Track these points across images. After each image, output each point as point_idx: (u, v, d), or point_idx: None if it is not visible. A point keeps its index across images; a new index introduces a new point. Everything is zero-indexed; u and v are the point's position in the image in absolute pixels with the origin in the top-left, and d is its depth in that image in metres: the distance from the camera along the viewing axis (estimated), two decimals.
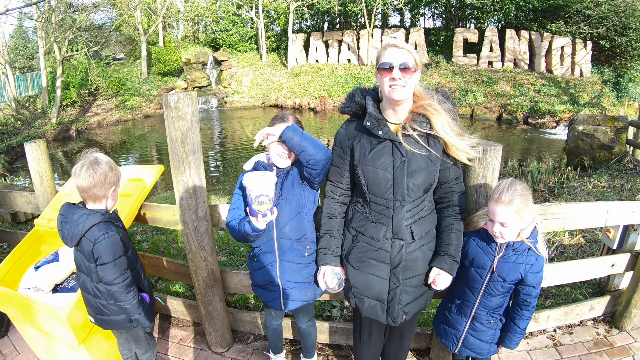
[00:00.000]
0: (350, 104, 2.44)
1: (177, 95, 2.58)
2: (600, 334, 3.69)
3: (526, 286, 2.41)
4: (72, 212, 2.49)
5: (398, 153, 2.29)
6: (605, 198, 7.38)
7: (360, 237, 2.47)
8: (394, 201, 2.33)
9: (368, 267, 2.47)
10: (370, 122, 2.30)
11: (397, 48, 2.18)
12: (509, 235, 2.33)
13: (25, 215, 7.05)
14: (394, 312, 2.50)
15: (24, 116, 20.76)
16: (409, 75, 2.19)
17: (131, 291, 2.54)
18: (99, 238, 2.41)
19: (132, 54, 30.49)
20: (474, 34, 24.77)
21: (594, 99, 19.88)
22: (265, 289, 2.81)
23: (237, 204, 2.70)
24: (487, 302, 2.52)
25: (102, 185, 2.48)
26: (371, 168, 2.34)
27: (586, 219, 3.03)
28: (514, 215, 2.26)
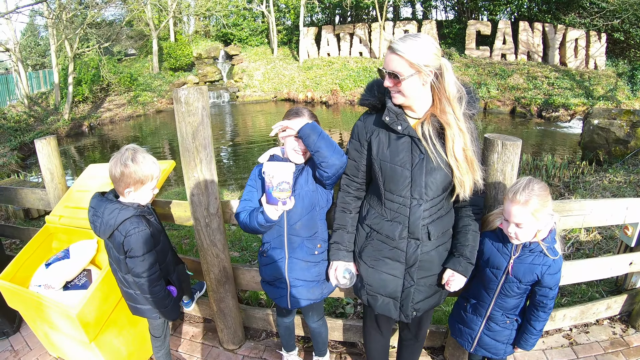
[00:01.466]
0: (370, 96, 2.36)
1: (188, 90, 2.53)
2: (617, 334, 3.63)
3: (543, 287, 2.35)
4: (104, 206, 2.52)
5: (417, 149, 2.21)
6: (621, 193, 7.27)
7: (375, 235, 2.41)
8: (411, 199, 2.26)
9: (382, 266, 2.41)
10: (389, 117, 2.22)
11: (390, 52, 2.11)
12: (524, 236, 2.26)
13: (38, 211, 7.09)
14: (407, 309, 2.46)
15: (36, 113, 20.89)
16: (398, 84, 2.12)
17: (158, 285, 2.60)
18: (130, 232, 2.45)
19: (144, 50, 30.57)
20: (486, 26, 24.52)
21: (609, 92, 19.59)
22: (272, 286, 2.78)
23: (250, 195, 2.64)
24: (502, 303, 2.47)
25: (118, 182, 2.51)
26: (389, 164, 2.26)
27: (605, 216, 2.95)
28: (530, 216, 2.18)
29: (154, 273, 2.55)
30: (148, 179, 2.54)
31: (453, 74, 2.17)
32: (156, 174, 2.57)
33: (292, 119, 2.50)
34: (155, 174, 2.57)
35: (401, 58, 2.06)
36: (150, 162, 2.53)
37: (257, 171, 2.66)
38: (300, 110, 2.56)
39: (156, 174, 2.57)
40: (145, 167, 2.49)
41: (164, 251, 2.72)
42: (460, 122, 2.18)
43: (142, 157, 2.50)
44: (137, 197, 2.57)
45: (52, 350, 3.48)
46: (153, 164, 2.55)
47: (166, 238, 2.82)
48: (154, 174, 2.56)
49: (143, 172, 2.49)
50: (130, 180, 2.48)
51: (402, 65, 2.07)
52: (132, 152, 2.48)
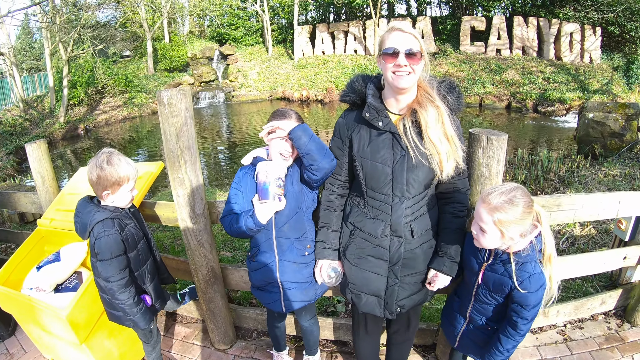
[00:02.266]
0: (350, 92, 2.34)
1: (170, 91, 2.53)
2: (612, 329, 3.61)
3: (514, 303, 2.16)
4: (84, 207, 2.57)
5: (398, 146, 2.20)
6: (616, 187, 7.27)
7: (358, 233, 2.40)
8: (393, 197, 2.25)
9: (366, 264, 2.41)
10: (369, 113, 2.20)
11: (402, 32, 2.07)
12: (485, 242, 2.11)
13: (33, 215, 7.08)
14: (391, 306, 2.45)
15: (32, 116, 20.88)
16: (417, 62, 2.08)
17: (126, 291, 2.56)
18: (99, 235, 2.45)
19: (138, 51, 30.54)
20: (481, 22, 24.54)
21: (604, 86, 19.60)
22: (264, 291, 2.74)
23: (235, 198, 2.61)
24: (480, 308, 2.38)
25: (96, 186, 2.52)
26: (370, 161, 2.25)
27: (597, 210, 2.91)
28: (492, 225, 2.02)
29: (122, 279, 2.53)
30: (124, 181, 2.53)
31: None
32: (132, 176, 2.57)
33: (279, 120, 2.46)
34: (131, 176, 2.56)
35: (415, 38, 2.07)
36: (125, 163, 2.53)
37: (240, 174, 2.64)
38: (287, 112, 2.51)
39: (132, 176, 2.57)
40: (120, 169, 2.50)
41: (141, 258, 2.71)
42: (436, 100, 2.17)
43: (118, 159, 2.51)
44: (116, 200, 2.58)
45: (46, 353, 3.48)
46: (128, 165, 2.55)
47: (146, 245, 2.80)
48: (130, 176, 2.55)
49: (118, 174, 2.49)
50: (107, 183, 2.49)
51: (417, 44, 2.07)
52: (107, 155, 2.50)
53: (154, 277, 2.84)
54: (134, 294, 2.61)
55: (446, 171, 2.20)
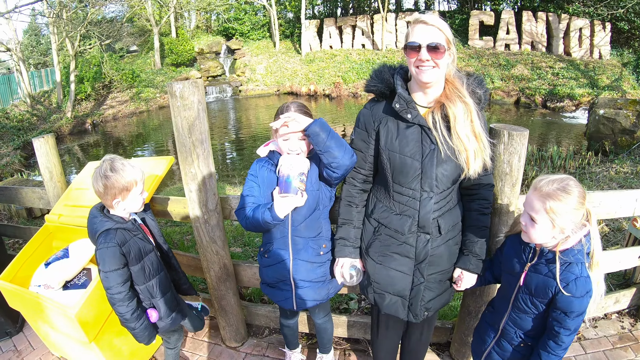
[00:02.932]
0: (378, 82, 2.24)
1: (182, 84, 2.47)
2: (625, 328, 3.57)
3: (557, 310, 1.98)
4: (94, 216, 2.54)
5: (427, 140, 2.12)
6: (628, 184, 7.19)
7: (383, 230, 2.32)
8: (421, 192, 2.17)
9: (391, 262, 2.33)
10: (399, 104, 2.12)
11: (426, 25, 1.99)
12: (534, 234, 1.97)
13: (40, 210, 7.07)
14: (416, 308, 2.38)
15: (39, 111, 20.89)
16: (440, 56, 1.99)
17: (124, 305, 2.46)
18: (99, 245, 2.42)
19: (145, 46, 30.55)
20: (489, 17, 24.34)
21: (614, 82, 19.39)
22: (275, 288, 2.68)
23: (251, 190, 2.54)
24: (516, 319, 2.18)
25: (104, 196, 2.46)
26: (398, 155, 2.17)
27: (614, 208, 2.87)
28: (544, 214, 1.88)
29: (120, 293, 2.43)
30: (132, 185, 2.47)
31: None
32: (139, 178, 2.50)
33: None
34: (138, 178, 2.50)
35: (439, 31, 1.99)
36: (130, 167, 2.47)
37: (257, 166, 2.58)
38: (287, 108, 2.43)
39: (139, 178, 2.50)
40: (126, 174, 2.43)
41: (148, 272, 2.59)
42: (466, 97, 2.09)
43: (121, 164, 2.45)
44: (127, 206, 2.52)
45: (55, 350, 3.46)
46: (133, 168, 2.48)
47: (157, 258, 2.69)
48: (137, 179, 2.49)
49: (125, 179, 2.43)
50: (115, 191, 2.42)
51: (441, 37, 1.99)
52: (109, 163, 2.44)
53: (165, 291, 2.72)
54: (133, 309, 2.50)
55: (473, 169, 2.12)
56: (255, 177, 2.56)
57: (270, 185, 2.49)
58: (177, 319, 2.80)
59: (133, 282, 2.54)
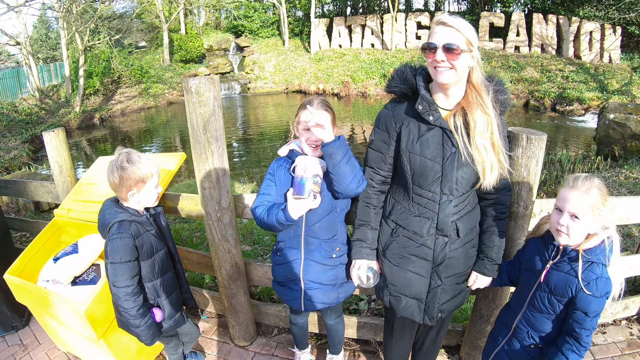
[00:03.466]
0: (400, 82, 2.19)
1: (198, 79, 2.44)
2: (634, 335, 3.53)
3: (577, 310, 1.99)
4: (109, 207, 2.51)
5: (449, 142, 2.09)
6: (638, 190, 7.12)
7: (401, 231, 2.28)
8: (441, 195, 2.14)
9: (408, 264, 2.30)
10: (422, 106, 2.07)
11: (444, 26, 1.95)
12: (576, 232, 1.96)
13: (48, 204, 7.08)
14: (432, 311, 2.35)
15: (47, 105, 20.98)
16: (455, 58, 1.94)
17: (130, 300, 2.40)
18: (112, 236, 2.38)
19: (154, 42, 30.63)
20: (500, 18, 24.22)
21: (624, 87, 19.26)
22: (285, 287, 2.66)
23: (268, 189, 2.54)
24: (530, 317, 2.20)
25: (119, 188, 2.44)
26: (419, 157, 2.13)
27: (627, 213, 2.82)
28: (589, 208, 1.90)
29: (128, 287, 2.39)
30: (148, 177, 2.45)
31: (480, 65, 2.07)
32: (155, 171, 2.49)
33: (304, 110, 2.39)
34: (154, 171, 2.48)
35: (458, 32, 1.94)
36: (146, 160, 2.45)
37: (275, 165, 2.57)
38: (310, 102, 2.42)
39: (155, 171, 2.49)
40: (142, 166, 2.42)
41: (157, 269, 2.56)
42: (488, 108, 2.05)
43: (137, 156, 2.43)
44: (142, 199, 2.50)
45: (61, 345, 3.45)
46: (149, 161, 2.46)
47: (166, 257, 2.66)
48: (153, 171, 2.48)
49: (142, 171, 2.41)
50: (131, 182, 2.41)
51: (459, 39, 1.94)
52: (125, 155, 2.42)
53: (171, 291, 2.69)
54: (139, 305, 2.44)
55: (488, 181, 2.11)
56: (273, 175, 2.55)
57: (287, 184, 2.48)
58: (180, 320, 2.76)
59: (141, 277, 2.50)
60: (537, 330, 2.19)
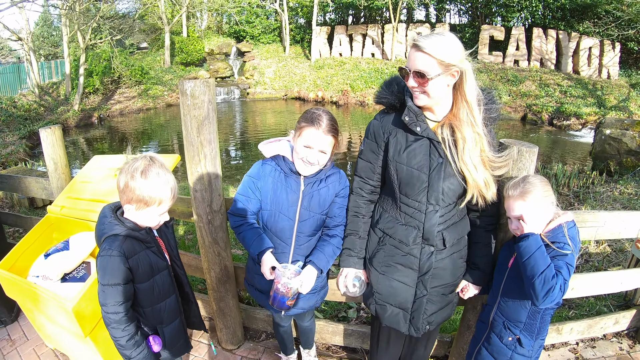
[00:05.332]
0: (388, 94, 2.22)
1: (194, 82, 2.46)
2: (624, 350, 3.55)
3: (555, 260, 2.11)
4: (104, 216, 2.14)
5: (436, 153, 2.11)
6: (632, 206, 7.17)
7: (388, 240, 2.31)
8: (427, 205, 2.17)
9: (394, 272, 2.31)
10: (409, 117, 2.10)
11: (416, 50, 1.96)
12: (529, 230, 2.10)
13: (42, 200, 7.07)
14: (417, 322, 2.36)
15: (46, 102, 20.97)
16: (425, 84, 1.97)
17: (119, 329, 2.05)
18: (101, 252, 2.04)
19: (156, 44, 30.65)
20: (500, 32, 24.34)
21: (621, 103, 19.34)
22: (264, 294, 2.63)
23: (249, 192, 2.51)
24: (504, 307, 2.29)
25: (121, 194, 2.07)
26: (405, 167, 2.16)
27: (618, 228, 2.85)
28: (528, 207, 2.08)
29: (117, 313, 2.03)
30: (154, 202, 2.06)
31: (474, 77, 2.06)
32: (166, 199, 2.09)
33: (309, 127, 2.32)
34: (165, 198, 2.08)
35: (428, 56, 1.93)
36: (164, 182, 2.05)
37: (260, 170, 2.52)
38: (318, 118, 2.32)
39: (166, 199, 2.09)
40: (153, 187, 2.03)
41: (157, 293, 2.22)
42: (478, 127, 2.07)
43: (156, 173, 2.03)
44: (139, 219, 2.12)
45: (49, 342, 3.44)
46: (166, 184, 2.06)
47: (170, 279, 2.32)
48: (164, 198, 2.08)
49: (149, 192, 2.03)
50: (132, 196, 2.03)
51: (429, 63, 1.94)
52: (146, 164, 2.04)
53: (174, 318, 2.36)
54: (130, 334, 2.08)
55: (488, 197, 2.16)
56: (258, 180, 2.51)
57: (275, 198, 2.46)
58: (182, 350, 2.46)
59: (138, 301, 2.17)
60: (512, 320, 2.27)
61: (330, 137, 2.34)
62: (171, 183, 2.09)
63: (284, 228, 2.47)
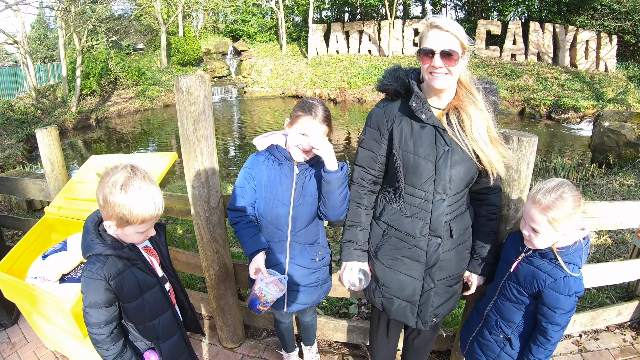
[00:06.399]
0: (393, 81, 2.19)
1: (189, 78, 2.44)
2: (627, 341, 3.54)
3: (543, 306, 2.05)
4: (86, 231, 1.94)
5: (442, 141, 2.08)
6: (632, 197, 7.17)
7: (393, 232, 2.27)
8: (434, 194, 2.13)
9: (400, 266, 2.28)
10: (415, 103, 2.07)
11: (440, 30, 1.94)
12: (539, 243, 2.04)
13: (41, 202, 7.06)
14: (425, 315, 2.34)
15: (44, 105, 20.94)
16: (453, 64, 1.95)
17: (104, 349, 1.93)
18: (83, 272, 1.88)
19: (152, 44, 30.64)
20: (497, 26, 24.34)
21: (619, 95, 19.36)
22: None
23: (244, 183, 2.54)
24: (500, 306, 2.27)
25: (101, 208, 1.87)
26: (412, 155, 2.12)
27: (620, 219, 2.84)
28: (547, 224, 1.95)
29: (100, 335, 1.90)
30: (135, 221, 1.84)
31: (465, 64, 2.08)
32: (149, 217, 1.86)
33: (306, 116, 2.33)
34: (148, 216, 1.86)
35: (454, 36, 1.94)
36: (147, 197, 1.83)
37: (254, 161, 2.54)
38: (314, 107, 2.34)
39: (149, 217, 1.86)
40: (135, 203, 1.81)
41: (147, 311, 2.05)
42: (480, 103, 2.07)
43: (138, 187, 1.82)
44: (121, 236, 1.93)
45: (49, 344, 3.42)
46: (149, 200, 1.84)
47: (162, 295, 2.13)
48: (146, 216, 1.85)
49: (130, 210, 1.80)
50: (112, 213, 1.82)
51: (455, 43, 1.95)
52: (126, 176, 1.81)
53: (172, 333, 2.21)
54: (116, 353, 1.95)
55: (498, 171, 2.14)
56: (252, 169, 2.53)
57: (269, 185, 2.46)
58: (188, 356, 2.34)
59: (129, 319, 2.03)
60: (506, 319, 2.24)
61: (325, 127, 2.36)
62: (155, 198, 1.86)
63: (280, 214, 2.45)
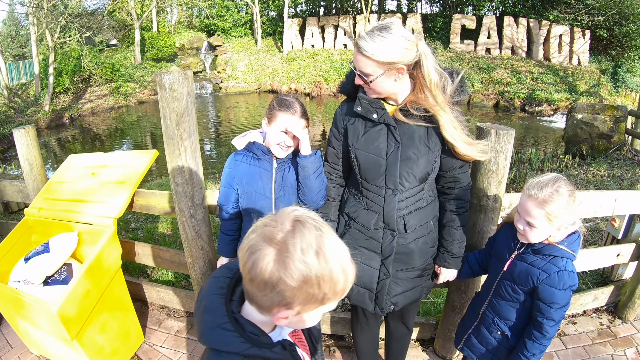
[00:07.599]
0: (347, 83, 2.27)
1: (172, 75, 2.42)
2: (604, 324, 3.67)
3: (539, 301, 2.04)
4: (213, 309, 1.18)
5: (392, 138, 2.14)
6: (605, 187, 7.34)
7: (353, 224, 2.37)
8: (386, 189, 2.21)
9: (359, 256, 2.35)
10: (361, 107, 2.14)
11: (357, 52, 1.97)
12: (534, 237, 2.02)
13: (17, 204, 6.93)
14: (382, 302, 2.41)
15: (16, 104, 20.52)
16: (367, 85, 2.04)
17: None
18: None
19: (126, 40, 30.17)
20: (471, 21, 24.58)
21: (592, 88, 19.75)
22: None
23: (226, 182, 2.57)
24: (496, 305, 2.26)
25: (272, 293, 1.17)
26: (364, 152, 2.21)
27: (593, 207, 2.95)
28: (544, 218, 1.93)
29: None
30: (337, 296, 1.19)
31: (433, 60, 2.02)
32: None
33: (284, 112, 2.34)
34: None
35: (368, 59, 1.94)
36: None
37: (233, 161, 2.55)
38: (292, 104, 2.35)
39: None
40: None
41: None
42: (445, 109, 2.07)
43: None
44: (292, 323, 1.17)
45: (34, 348, 3.36)
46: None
47: None
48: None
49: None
50: (316, 292, 1.12)
51: (369, 65, 1.96)
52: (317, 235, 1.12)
53: None
54: None
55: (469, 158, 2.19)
56: (232, 169, 2.54)
57: (250, 180, 2.47)
58: None
59: None
60: (502, 317, 2.25)
61: (304, 121, 2.39)
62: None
63: (263, 207, 2.48)
